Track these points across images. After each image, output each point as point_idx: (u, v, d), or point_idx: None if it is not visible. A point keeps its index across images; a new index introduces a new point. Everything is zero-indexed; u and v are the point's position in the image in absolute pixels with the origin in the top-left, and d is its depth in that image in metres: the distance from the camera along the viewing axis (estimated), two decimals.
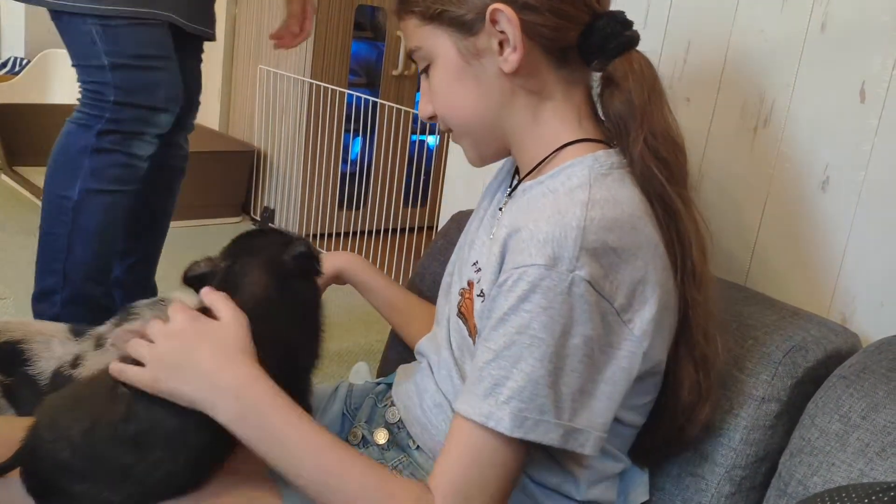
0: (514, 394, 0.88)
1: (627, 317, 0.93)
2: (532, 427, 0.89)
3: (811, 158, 1.29)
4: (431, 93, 1.07)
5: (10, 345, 1.39)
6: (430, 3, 1.01)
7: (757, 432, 1.08)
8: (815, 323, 1.14)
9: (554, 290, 0.88)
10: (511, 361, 0.89)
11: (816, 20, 1.28)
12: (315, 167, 3.65)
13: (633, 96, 0.99)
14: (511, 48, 0.98)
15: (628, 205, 0.95)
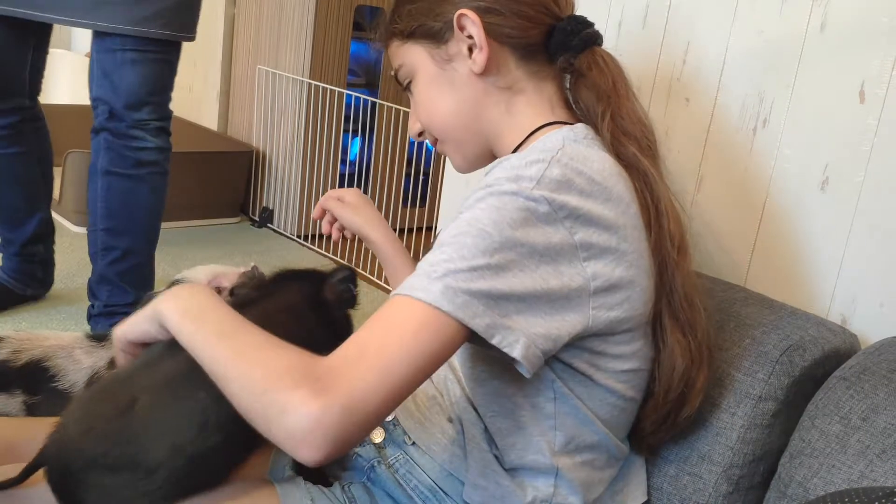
0: (450, 273, 0.85)
1: (585, 255, 0.92)
2: (462, 305, 0.84)
3: (811, 159, 1.29)
4: (414, 105, 1.15)
5: (33, 364, 1.41)
6: (406, 22, 1.10)
7: (754, 431, 1.08)
8: (814, 323, 1.14)
9: (509, 195, 0.89)
10: (455, 248, 0.87)
11: (816, 21, 1.28)
12: (314, 168, 3.64)
13: (599, 83, 1.07)
14: (478, 49, 1.05)
15: (599, 162, 0.97)
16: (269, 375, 0.83)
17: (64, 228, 3.34)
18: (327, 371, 0.82)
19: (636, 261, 0.97)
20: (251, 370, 0.85)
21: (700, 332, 1.04)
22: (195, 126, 4.04)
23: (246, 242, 3.57)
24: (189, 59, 4.14)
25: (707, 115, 1.43)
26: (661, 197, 1.03)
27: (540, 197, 0.89)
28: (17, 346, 1.43)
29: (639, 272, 0.97)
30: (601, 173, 0.95)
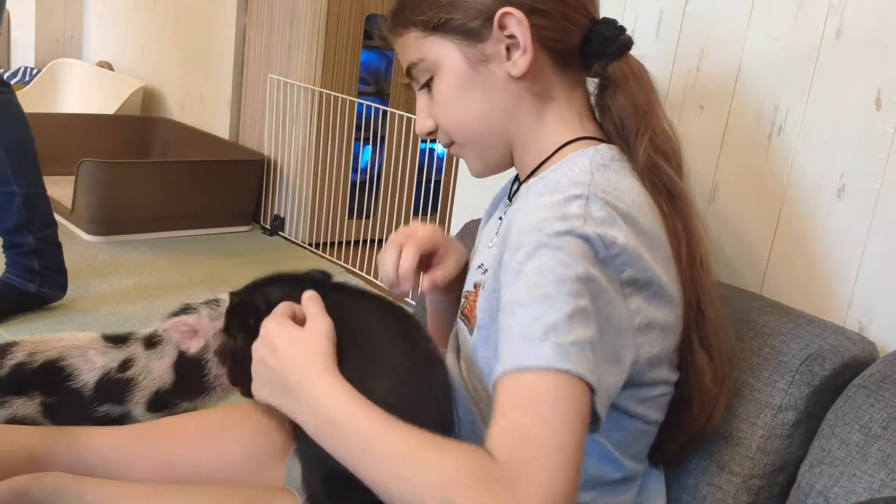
0: (550, 329, 0.82)
1: (628, 291, 0.91)
2: (578, 357, 0.81)
3: (827, 166, 1.29)
4: (435, 105, 1.06)
5: (49, 364, 1.42)
6: (433, 13, 1.01)
7: (774, 441, 1.07)
8: (832, 331, 1.13)
9: (565, 237, 0.87)
10: (540, 302, 0.84)
11: (831, 28, 1.28)
12: (325, 176, 3.65)
13: (635, 96, 1.03)
14: (521, 51, 0.99)
15: (628, 194, 0.95)
16: (446, 482, 0.78)
17: (77, 237, 3.36)
18: (504, 472, 0.77)
19: (669, 293, 0.96)
20: (423, 475, 0.80)
21: (725, 352, 1.04)
22: (207, 135, 4.05)
23: (257, 251, 3.58)
24: (200, 69, 4.16)
25: (722, 122, 1.43)
26: (691, 220, 1.01)
27: (592, 234, 0.88)
28: (32, 349, 1.44)
29: (671, 304, 0.97)
30: (633, 205, 0.94)
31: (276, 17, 3.74)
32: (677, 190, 1.01)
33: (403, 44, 1.06)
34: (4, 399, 1.41)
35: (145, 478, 1.19)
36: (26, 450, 1.20)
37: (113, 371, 1.44)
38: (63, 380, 1.42)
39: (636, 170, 1.00)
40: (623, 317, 0.91)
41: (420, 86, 1.08)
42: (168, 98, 4.46)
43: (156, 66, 4.53)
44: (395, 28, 1.06)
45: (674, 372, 1.03)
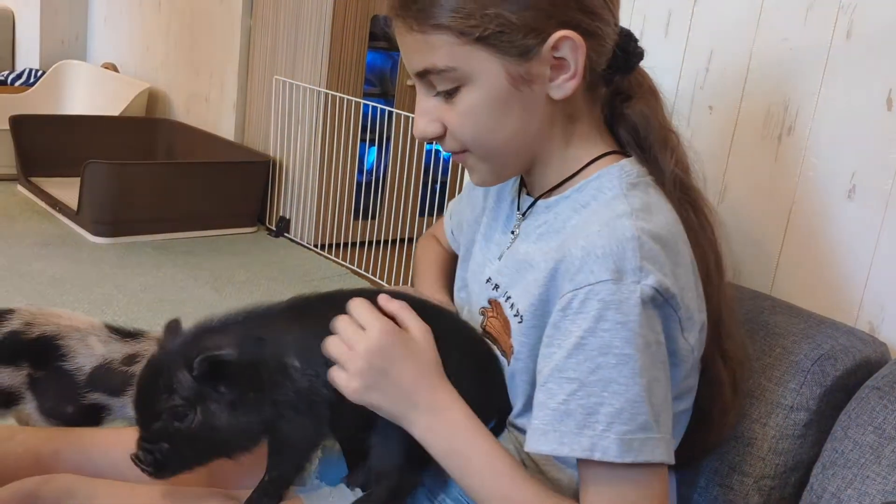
0: (614, 418, 0.85)
1: (686, 325, 0.93)
2: (640, 447, 0.85)
3: (837, 166, 1.29)
4: (459, 117, 0.97)
5: (44, 338, 1.41)
6: (478, 22, 0.91)
7: (786, 442, 1.07)
8: (844, 332, 1.13)
9: (627, 302, 0.86)
10: (601, 386, 0.86)
11: (842, 28, 1.27)
12: (330, 177, 3.65)
13: (655, 111, 1.02)
14: (568, 75, 0.94)
15: (663, 214, 0.96)
16: None
17: (83, 239, 3.36)
18: None
19: (700, 318, 0.97)
20: None
21: (743, 360, 1.05)
22: (212, 136, 4.05)
23: (263, 252, 3.58)
24: (206, 70, 4.16)
25: (731, 123, 1.42)
26: (715, 233, 1.01)
27: (650, 290, 0.87)
28: (29, 319, 1.43)
29: (702, 327, 0.98)
30: (668, 225, 0.94)
31: (282, 19, 3.74)
32: (702, 205, 1.00)
33: (424, 43, 0.94)
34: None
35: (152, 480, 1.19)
36: (34, 451, 1.20)
37: (115, 362, 1.44)
38: (56, 358, 1.41)
39: (660, 182, 0.99)
40: (684, 353, 0.93)
41: (436, 92, 0.97)
42: (173, 99, 4.46)
43: (161, 67, 4.54)
44: (415, 24, 0.94)
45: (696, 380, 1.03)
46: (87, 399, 1.42)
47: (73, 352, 1.43)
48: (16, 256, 3.08)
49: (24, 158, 3.89)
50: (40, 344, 1.41)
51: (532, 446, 0.90)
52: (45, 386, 1.41)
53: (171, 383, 0.97)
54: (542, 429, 0.90)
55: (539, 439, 0.90)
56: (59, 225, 3.51)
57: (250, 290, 3.06)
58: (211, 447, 1.01)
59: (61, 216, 3.57)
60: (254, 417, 0.99)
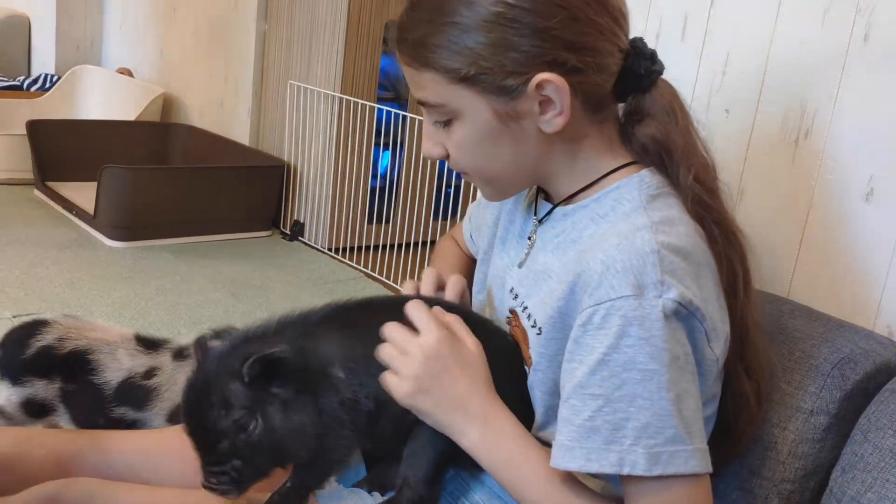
0: (642, 433, 0.86)
1: (712, 336, 0.93)
2: (669, 459, 0.86)
3: (855, 170, 1.28)
4: (454, 147, 1.01)
5: (77, 353, 1.45)
6: (461, 65, 0.93)
7: (805, 445, 1.07)
8: (863, 336, 1.13)
9: (649, 318, 0.86)
10: (626, 401, 0.86)
11: (859, 31, 1.27)
12: (344, 181, 3.66)
13: (670, 132, 1.00)
14: (556, 112, 0.94)
15: (683, 225, 0.95)
16: None
17: (99, 243, 3.38)
18: None
19: (725, 330, 0.97)
20: None
21: (767, 370, 1.05)
22: (227, 141, 4.06)
23: (277, 256, 3.59)
24: (220, 75, 4.17)
25: (748, 126, 1.42)
26: (743, 249, 1.00)
27: (672, 304, 0.87)
28: (62, 334, 1.47)
29: (726, 339, 0.98)
30: (689, 238, 0.94)
31: (296, 24, 3.75)
32: (727, 223, 0.99)
33: (418, 78, 0.98)
34: (27, 379, 1.43)
35: (173, 482, 1.19)
36: (55, 454, 1.21)
37: (138, 376, 1.46)
38: (87, 372, 1.45)
39: (681, 194, 0.99)
40: (710, 363, 0.94)
41: (434, 121, 1.01)
42: (188, 104, 4.48)
43: (176, 72, 4.56)
44: (408, 59, 0.98)
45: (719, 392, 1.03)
46: (115, 413, 1.45)
47: (103, 366, 1.46)
48: (33, 260, 3.09)
49: (40, 163, 3.91)
50: (72, 359, 1.45)
51: (559, 463, 0.90)
52: (77, 399, 1.44)
53: (225, 398, 0.95)
54: (568, 445, 0.90)
55: (565, 456, 0.90)
56: (76, 229, 3.53)
57: (265, 294, 3.07)
58: (275, 452, 0.98)
59: (78, 220, 3.59)
60: (307, 419, 0.97)
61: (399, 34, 0.98)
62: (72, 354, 1.45)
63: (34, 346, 1.44)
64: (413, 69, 0.97)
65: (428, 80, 0.96)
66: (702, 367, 0.93)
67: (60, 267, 3.07)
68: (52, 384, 1.44)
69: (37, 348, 1.44)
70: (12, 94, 4.85)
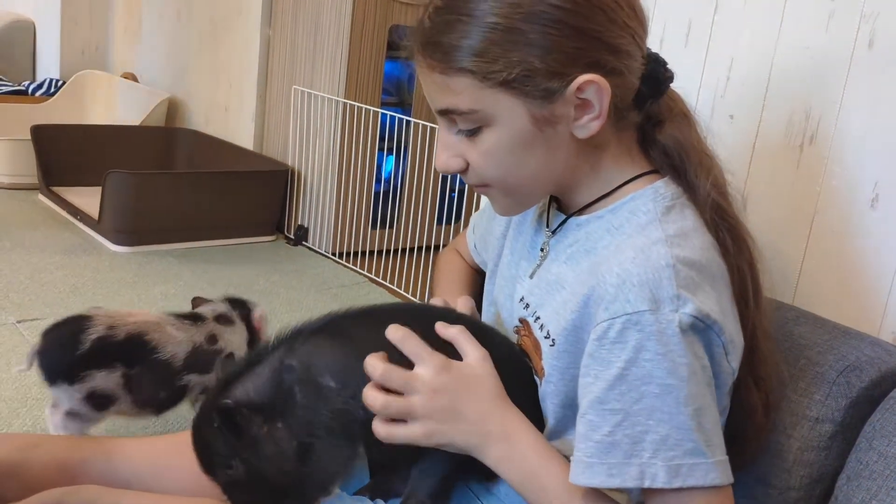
0: (660, 445, 0.86)
1: (729, 349, 0.93)
2: (689, 472, 0.86)
3: (860, 175, 1.28)
4: (481, 156, 0.97)
5: (133, 336, 1.54)
6: (501, 66, 0.90)
7: (811, 453, 1.07)
8: (869, 342, 1.12)
9: (666, 332, 0.86)
10: (645, 415, 0.86)
11: (864, 36, 1.27)
12: (348, 186, 3.66)
13: (689, 136, 1.01)
14: (593, 115, 0.93)
15: (698, 237, 0.95)
16: None
17: (104, 248, 3.38)
18: None
19: (740, 340, 0.97)
20: None
21: (777, 380, 1.05)
22: (231, 146, 4.07)
23: (281, 260, 3.59)
24: (225, 80, 4.18)
25: (752, 132, 1.42)
26: (754, 258, 1.01)
27: (688, 318, 0.87)
28: (110, 322, 1.54)
29: (740, 350, 0.97)
30: (703, 250, 0.94)
31: (301, 29, 3.75)
32: (740, 231, 0.99)
33: (447, 85, 0.94)
34: (86, 373, 1.46)
35: (177, 490, 1.19)
36: (59, 461, 1.21)
37: (203, 344, 1.61)
38: (149, 352, 1.54)
39: (696, 204, 0.98)
40: (726, 376, 0.94)
41: (457, 130, 0.97)
42: (193, 109, 4.48)
43: (180, 77, 4.57)
44: (438, 66, 0.93)
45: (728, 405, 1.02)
46: (182, 381, 1.58)
47: (162, 342, 1.56)
48: (37, 265, 3.10)
49: (45, 168, 3.92)
50: (130, 343, 1.53)
51: (580, 480, 0.90)
52: (142, 379, 1.54)
53: (207, 437, 1.01)
54: (588, 462, 0.89)
55: (586, 472, 0.89)
56: (80, 234, 3.54)
57: (269, 299, 3.07)
58: (266, 486, 1.01)
59: (82, 225, 3.59)
60: (284, 446, 0.99)
61: (425, 37, 0.94)
62: (129, 339, 1.53)
63: (88, 340, 1.50)
64: (442, 74, 0.93)
65: (461, 86, 0.92)
66: (719, 379, 0.92)
67: (65, 272, 3.08)
68: (114, 372, 1.52)
69: (91, 341, 1.50)
70: (17, 98, 4.86)
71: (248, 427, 0.99)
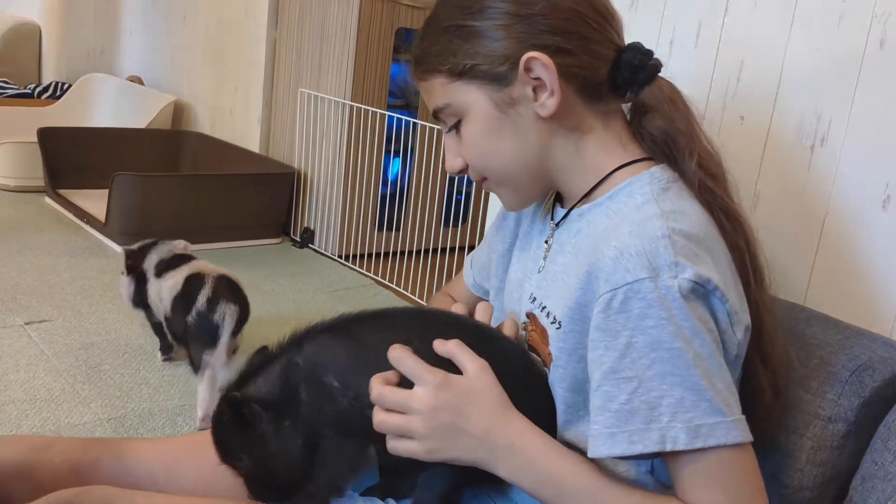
0: (677, 408, 0.87)
1: (734, 319, 0.93)
2: (709, 432, 0.86)
3: (871, 177, 1.28)
4: (464, 147, 1.06)
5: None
6: (457, 59, 1.00)
7: (824, 453, 1.06)
8: (881, 343, 1.12)
9: (667, 298, 0.87)
10: (659, 380, 0.87)
11: (875, 37, 1.27)
12: (354, 188, 3.66)
13: (674, 121, 1.03)
14: (548, 93, 0.98)
15: (695, 216, 0.97)
16: None
17: (110, 250, 3.38)
18: None
19: (745, 318, 0.97)
20: None
21: (784, 364, 1.05)
22: (237, 148, 4.07)
23: (288, 263, 3.59)
24: (231, 83, 4.19)
25: (763, 133, 1.42)
26: (751, 237, 1.02)
27: (688, 283, 0.88)
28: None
29: (746, 329, 0.98)
30: (701, 227, 0.95)
31: (307, 32, 3.76)
32: (733, 210, 1.01)
33: (429, 89, 1.06)
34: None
35: (190, 490, 1.19)
36: (71, 462, 1.20)
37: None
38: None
39: (691, 189, 1.01)
40: (731, 346, 0.94)
41: (448, 128, 1.07)
42: (199, 112, 4.49)
43: (186, 80, 4.57)
44: (419, 74, 1.06)
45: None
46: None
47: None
48: (45, 267, 3.11)
49: (51, 171, 3.93)
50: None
51: (601, 451, 0.90)
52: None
53: (221, 428, 1.06)
54: (608, 432, 0.90)
55: (606, 443, 0.90)
56: (87, 236, 3.54)
57: (276, 301, 3.07)
58: (275, 480, 1.04)
59: (89, 227, 3.60)
60: (290, 444, 1.02)
61: (412, 55, 1.07)
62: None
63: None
64: (424, 81, 1.05)
65: (435, 86, 1.04)
66: (727, 348, 0.93)
67: (72, 274, 3.08)
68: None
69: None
70: (23, 101, 4.87)
71: (256, 421, 1.01)
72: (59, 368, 2.35)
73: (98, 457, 1.22)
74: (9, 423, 2.02)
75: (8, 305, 2.73)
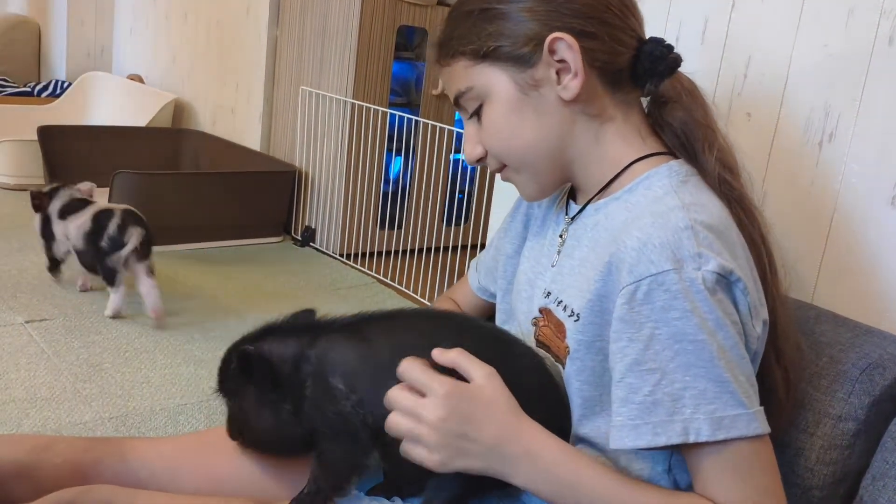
0: (700, 399, 0.87)
1: (754, 313, 0.93)
2: (731, 423, 0.87)
3: (880, 173, 1.27)
4: (485, 131, 1.06)
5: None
6: (481, 41, 1.01)
7: (834, 452, 1.05)
8: (891, 341, 1.11)
9: (691, 290, 0.87)
10: (682, 371, 0.87)
11: (884, 33, 1.26)
12: (356, 187, 3.65)
13: (693, 112, 1.04)
14: (571, 75, 0.98)
15: (715, 209, 0.97)
16: None
17: None
18: None
19: (764, 312, 0.97)
20: None
21: (797, 360, 1.05)
22: (238, 147, 4.06)
23: (289, 261, 3.58)
24: (232, 81, 4.18)
25: (770, 129, 1.41)
26: (766, 231, 1.02)
27: (712, 275, 0.88)
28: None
29: (765, 324, 0.97)
30: (721, 220, 0.95)
31: (308, 30, 3.75)
32: (748, 203, 1.02)
33: (451, 73, 1.06)
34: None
35: (193, 490, 1.18)
36: (72, 462, 1.19)
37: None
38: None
39: (709, 183, 1.01)
40: (751, 339, 0.94)
41: (469, 115, 1.07)
42: (199, 110, 4.48)
43: (187, 78, 4.56)
44: (443, 58, 1.06)
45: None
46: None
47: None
48: (44, 266, 3.09)
49: (51, 169, 3.92)
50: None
51: (624, 443, 0.90)
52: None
53: (225, 367, 1.11)
54: (632, 424, 0.90)
55: (630, 434, 0.90)
56: None
57: (277, 300, 3.06)
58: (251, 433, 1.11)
59: None
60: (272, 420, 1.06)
61: (437, 45, 1.08)
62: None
63: None
64: (446, 66, 1.06)
65: (458, 70, 1.04)
66: (747, 341, 0.93)
67: (72, 272, 3.07)
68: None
69: None
70: (23, 100, 4.86)
71: (257, 380, 1.05)
72: (60, 367, 2.34)
73: (99, 456, 1.21)
74: (10, 422, 2.01)
75: (8, 304, 2.72)
